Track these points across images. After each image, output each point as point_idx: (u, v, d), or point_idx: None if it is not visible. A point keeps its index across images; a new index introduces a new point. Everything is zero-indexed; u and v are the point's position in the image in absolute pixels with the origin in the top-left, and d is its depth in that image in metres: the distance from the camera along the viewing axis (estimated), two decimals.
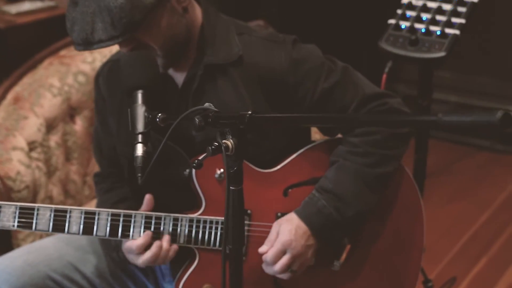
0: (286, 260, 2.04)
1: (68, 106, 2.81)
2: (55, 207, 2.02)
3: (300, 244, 2.04)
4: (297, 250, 2.04)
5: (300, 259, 2.06)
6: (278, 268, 2.05)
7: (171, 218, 2.07)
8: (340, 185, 2.07)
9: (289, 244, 2.03)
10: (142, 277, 2.31)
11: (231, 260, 1.63)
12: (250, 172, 2.11)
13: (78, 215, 2.03)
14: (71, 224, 2.03)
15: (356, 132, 2.09)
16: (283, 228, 2.05)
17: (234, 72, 2.06)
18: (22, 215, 2.01)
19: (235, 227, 1.61)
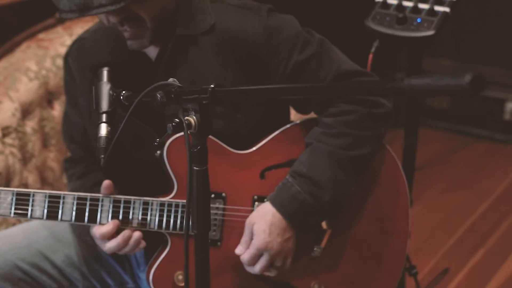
0: (265, 262, 1.95)
1: (45, 90, 2.71)
2: (17, 190, 1.93)
3: (277, 243, 1.94)
4: (274, 250, 1.94)
5: (281, 255, 1.97)
6: (258, 269, 1.96)
7: (141, 202, 1.98)
8: (314, 169, 1.97)
9: (265, 247, 1.94)
10: (116, 266, 2.22)
11: (197, 245, 1.52)
12: (225, 153, 2.02)
13: (42, 198, 1.94)
14: (34, 209, 1.93)
15: (330, 111, 1.99)
16: (257, 228, 1.95)
17: (206, 42, 1.97)
18: None
19: (200, 210, 1.50)
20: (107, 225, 1.95)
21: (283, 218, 1.95)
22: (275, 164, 2.04)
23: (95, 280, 2.19)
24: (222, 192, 2.01)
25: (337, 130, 1.97)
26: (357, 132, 1.97)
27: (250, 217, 1.97)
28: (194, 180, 1.48)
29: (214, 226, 2.01)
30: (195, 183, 1.48)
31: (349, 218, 2.08)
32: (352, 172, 1.99)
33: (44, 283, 2.14)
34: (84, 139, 2.13)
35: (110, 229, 1.94)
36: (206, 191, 1.50)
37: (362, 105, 1.97)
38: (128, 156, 2.07)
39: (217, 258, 2.01)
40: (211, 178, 1.98)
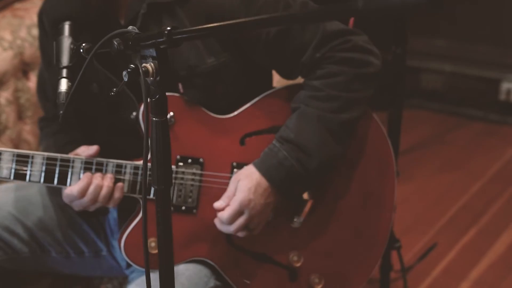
0: (243, 221, 1.87)
1: (20, 61, 2.62)
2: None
3: (260, 203, 1.86)
4: (256, 210, 1.87)
5: (259, 218, 1.89)
6: (234, 228, 1.88)
7: (114, 165, 1.89)
8: (302, 135, 1.88)
9: (247, 204, 1.85)
10: (91, 233, 2.14)
11: (157, 203, 1.43)
12: (203, 117, 1.93)
13: (9, 158, 1.85)
14: (1, 168, 1.84)
15: (318, 74, 1.90)
16: (242, 185, 1.87)
17: (180, 11, 1.87)
18: None
19: (160, 165, 1.41)
20: (81, 180, 1.86)
21: (268, 183, 1.87)
22: (257, 130, 1.96)
23: (68, 246, 2.11)
24: (199, 158, 1.92)
25: (325, 92, 1.88)
26: (346, 94, 1.88)
27: (237, 174, 1.90)
28: (154, 132, 1.39)
29: (190, 193, 1.92)
30: (154, 135, 1.39)
31: (332, 189, 1.99)
32: (341, 137, 1.91)
33: (15, 247, 2.06)
34: None
35: (86, 183, 1.85)
36: (166, 144, 1.41)
37: (350, 65, 1.88)
38: (103, 118, 1.98)
39: (192, 226, 1.93)
40: (189, 142, 1.92)
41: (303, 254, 1.98)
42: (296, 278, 1.98)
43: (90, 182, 1.86)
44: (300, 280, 1.98)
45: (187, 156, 1.92)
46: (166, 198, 1.42)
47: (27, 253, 2.08)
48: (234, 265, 1.96)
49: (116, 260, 2.14)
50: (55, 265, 2.13)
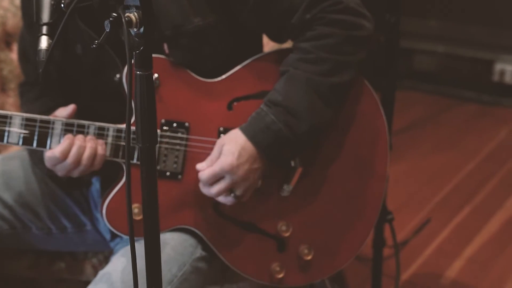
0: (224, 185, 1.81)
1: (3, 31, 2.55)
2: None
3: (244, 169, 1.80)
4: (239, 176, 1.80)
5: (244, 184, 1.82)
6: (215, 191, 1.82)
7: (96, 127, 1.82)
8: (290, 98, 1.82)
9: (230, 169, 1.79)
10: (74, 207, 2.06)
11: (142, 162, 1.37)
12: (189, 80, 1.86)
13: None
14: None
15: (307, 36, 1.84)
16: (226, 149, 1.80)
17: None
18: None
19: (145, 121, 1.34)
20: (62, 141, 1.78)
21: (254, 148, 1.81)
22: (245, 95, 1.89)
23: (50, 222, 2.04)
24: (185, 122, 1.86)
25: (315, 55, 1.82)
26: (336, 57, 1.82)
27: (222, 138, 1.84)
28: (138, 85, 1.32)
29: (175, 158, 1.86)
30: (138, 89, 1.32)
31: (322, 156, 1.93)
32: (330, 101, 1.84)
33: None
34: None
35: (68, 144, 1.78)
36: (151, 99, 1.34)
37: (342, 27, 1.82)
38: (86, 81, 1.92)
39: (177, 193, 1.87)
40: (174, 106, 1.86)
41: (292, 223, 1.91)
42: (285, 249, 1.92)
43: (72, 143, 1.79)
44: (289, 251, 1.92)
45: (172, 120, 1.86)
46: (151, 157, 1.35)
47: (7, 230, 2.01)
48: (221, 235, 1.89)
49: (101, 234, 2.07)
50: (37, 242, 2.07)
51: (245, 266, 1.91)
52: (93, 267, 2.15)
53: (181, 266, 1.83)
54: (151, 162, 1.36)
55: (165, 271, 1.77)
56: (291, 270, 1.92)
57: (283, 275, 1.91)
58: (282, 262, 1.91)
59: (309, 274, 1.94)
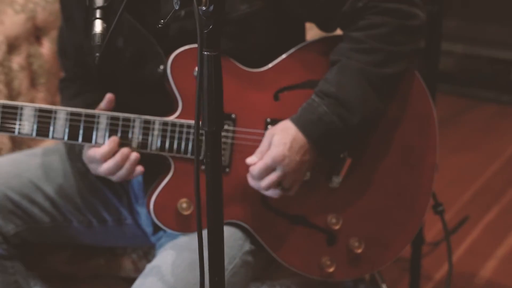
0: (275, 177, 1.76)
1: (33, 25, 2.50)
2: (3, 103, 1.72)
3: (295, 160, 1.75)
4: (290, 167, 1.75)
5: (294, 176, 1.78)
6: (265, 184, 1.76)
7: (142, 121, 1.77)
8: (343, 89, 1.78)
9: (281, 160, 1.74)
10: (114, 199, 2.01)
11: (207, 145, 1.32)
12: (234, 70, 1.82)
13: (31, 113, 1.73)
14: (22, 124, 1.73)
15: (359, 25, 1.80)
16: (277, 139, 1.76)
17: None
18: None
19: (211, 104, 1.30)
20: (106, 143, 1.75)
21: (305, 139, 1.76)
22: (291, 84, 1.85)
23: (90, 215, 1.99)
24: (231, 113, 1.81)
25: (368, 45, 1.77)
26: (389, 47, 1.78)
27: (272, 128, 1.79)
28: (204, 67, 1.28)
29: (222, 150, 1.81)
30: (206, 71, 1.28)
31: (371, 147, 1.88)
32: (383, 93, 1.80)
33: (36, 216, 1.94)
34: (78, 54, 1.92)
35: (111, 148, 1.74)
36: (218, 81, 1.29)
37: (394, 16, 1.78)
38: (126, 74, 1.87)
39: (225, 186, 1.78)
40: None
41: (342, 216, 1.87)
42: (335, 242, 1.87)
43: (114, 151, 1.75)
44: (339, 244, 1.87)
45: None
46: (217, 142, 1.30)
47: (48, 223, 1.97)
48: (269, 229, 1.85)
49: (141, 228, 2.02)
50: (77, 235, 2.02)
51: (294, 260, 1.87)
52: (132, 262, 2.10)
53: (231, 260, 1.78)
54: (217, 147, 1.32)
55: None
56: (341, 263, 1.87)
57: (334, 269, 1.86)
58: (332, 255, 1.86)
59: (360, 268, 1.90)
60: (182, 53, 1.78)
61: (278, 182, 1.77)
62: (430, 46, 2.27)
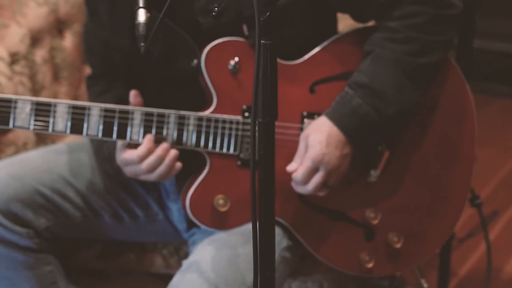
0: (320, 178, 1.72)
1: (55, 18, 2.46)
2: (37, 100, 1.68)
3: (335, 156, 1.72)
4: (332, 164, 1.72)
5: (337, 172, 1.74)
6: (312, 187, 1.73)
7: (177, 116, 1.73)
8: (378, 79, 1.74)
9: (321, 159, 1.71)
10: (144, 195, 1.98)
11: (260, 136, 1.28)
12: None
13: (64, 110, 1.69)
14: (56, 121, 1.69)
15: (395, 14, 1.76)
16: (312, 140, 1.72)
17: None
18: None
19: (266, 94, 1.26)
20: (143, 144, 1.70)
21: (341, 133, 1.72)
22: (327, 76, 1.81)
23: (122, 210, 1.96)
24: None
25: (403, 34, 1.74)
26: (426, 37, 1.74)
27: (305, 130, 1.75)
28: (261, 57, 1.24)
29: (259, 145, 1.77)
30: (261, 60, 1.24)
31: (408, 139, 1.85)
32: (419, 83, 1.76)
33: (67, 212, 1.91)
34: (105, 51, 1.89)
35: (148, 147, 1.70)
36: (274, 70, 1.26)
37: (431, 5, 1.75)
38: (155, 70, 1.83)
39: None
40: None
41: (380, 210, 1.83)
42: (373, 237, 1.84)
43: (151, 150, 1.71)
44: (378, 239, 1.84)
45: None
46: (271, 134, 1.27)
47: (79, 218, 1.94)
48: (307, 224, 1.81)
49: (172, 224, 1.99)
50: (108, 231, 1.99)
51: (332, 256, 1.83)
52: (163, 258, 2.07)
53: None
54: (271, 139, 1.28)
55: None
56: (380, 259, 1.84)
57: (373, 265, 1.83)
58: (371, 251, 1.83)
59: (399, 263, 1.87)
60: (216, 46, 1.75)
61: (323, 183, 1.74)
62: (463, 38, 2.22)
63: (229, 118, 1.75)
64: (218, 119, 1.75)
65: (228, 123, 1.75)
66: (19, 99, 1.67)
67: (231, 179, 1.76)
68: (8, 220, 1.85)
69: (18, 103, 1.67)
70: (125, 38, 1.79)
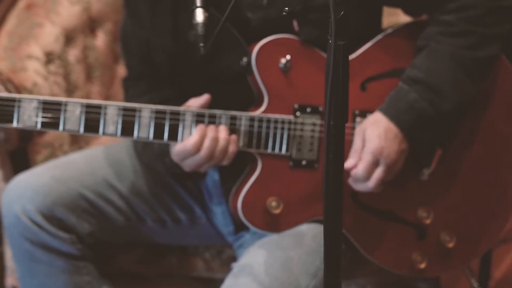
0: (381, 172, 1.69)
1: (88, 17, 2.44)
2: (87, 102, 1.65)
3: (394, 151, 1.69)
4: (391, 159, 1.69)
5: (394, 169, 1.71)
6: (373, 184, 1.69)
7: (228, 117, 1.70)
8: (433, 74, 1.71)
9: (381, 152, 1.68)
10: (187, 198, 1.95)
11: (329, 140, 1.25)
12: (320, 60, 1.75)
13: (114, 112, 1.66)
14: (107, 123, 1.66)
15: (449, 7, 1.73)
16: (370, 133, 1.69)
17: None
18: (47, 110, 1.63)
19: (338, 96, 1.23)
20: (195, 133, 1.67)
21: (398, 128, 1.69)
22: (378, 73, 1.78)
23: (165, 214, 1.93)
24: (318, 106, 1.74)
25: (458, 28, 1.70)
26: (482, 30, 1.71)
27: (361, 125, 1.72)
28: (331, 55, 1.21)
29: (310, 145, 1.74)
30: (333, 61, 1.21)
31: (459, 136, 1.81)
32: (476, 77, 1.73)
33: (110, 215, 1.88)
34: (145, 51, 1.84)
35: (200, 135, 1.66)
36: (346, 71, 1.23)
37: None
38: (201, 69, 1.79)
39: (314, 182, 1.75)
40: (307, 89, 1.75)
41: (432, 209, 1.80)
42: (425, 237, 1.80)
43: (204, 134, 1.67)
44: (429, 239, 1.81)
45: (306, 105, 1.74)
46: (341, 136, 1.23)
47: (122, 222, 1.91)
48: (359, 225, 1.78)
49: (215, 227, 1.95)
50: (150, 234, 1.96)
51: (384, 257, 1.80)
52: (204, 261, 2.04)
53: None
54: (341, 141, 1.25)
55: (308, 263, 1.69)
56: (433, 259, 1.81)
57: (425, 265, 1.80)
58: (423, 251, 1.80)
59: (451, 263, 1.84)
60: (267, 44, 1.72)
61: (385, 179, 1.70)
62: None
63: (281, 118, 1.72)
64: (270, 119, 1.72)
65: (280, 123, 1.72)
66: (69, 102, 1.64)
67: (284, 181, 1.73)
68: (52, 225, 1.83)
69: (68, 105, 1.64)
70: (167, 37, 1.76)
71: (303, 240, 1.71)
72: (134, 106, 1.67)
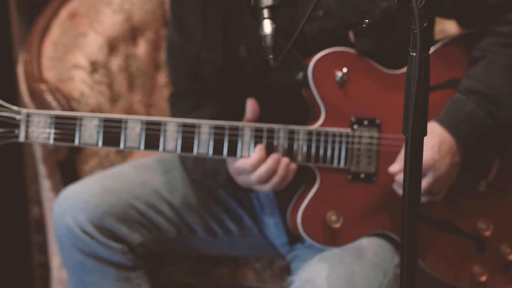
0: (427, 184, 1.67)
1: (130, 26, 2.43)
2: (147, 119, 1.64)
3: (445, 164, 1.67)
4: (441, 171, 1.67)
5: (444, 181, 1.69)
6: None
7: (286, 131, 1.68)
8: (491, 85, 1.70)
9: (432, 165, 1.66)
10: (238, 209, 1.93)
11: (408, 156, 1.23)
12: (376, 72, 1.74)
13: (174, 128, 1.65)
14: (167, 140, 1.64)
15: (506, 19, 1.72)
16: (424, 143, 1.66)
17: None
18: (108, 128, 1.62)
19: (417, 108, 1.21)
20: (255, 153, 1.66)
21: (454, 139, 1.68)
22: (434, 85, 1.75)
23: (215, 225, 1.92)
24: (375, 119, 1.73)
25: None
26: None
27: None
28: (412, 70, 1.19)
29: (368, 158, 1.73)
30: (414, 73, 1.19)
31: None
32: None
33: (162, 226, 1.87)
34: (194, 67, 1.81)
35: (260, 156, 1.65)
36: (427, 84, 1.21)
37: None
38: (251, 85, 1.77)
39: (372, 196, 1.73)
40: (364, 102, 1.73)
41: (492, 221, 1.78)
42: (485, 249, 1.78)
43: (263, 159, 1.66)
44: (489, 251, 1.78)
45: (363, 118, 1.72)
46: (420, 150, 1.22)
47: (173, 233, 1.90)
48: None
49: (267, 238, 1.93)
50: (201, 246, 1.95)
51: (444, 269, 1.78)
52: (255, 272, 2.03)
53: (386, 273, 1.70)
54: (419, 155, 1.23)
55: (371, 278, 1.67)
56: (494, 271, 1.79)
57: (486, 278, 1.77)
58: (483, 263, 1.78)
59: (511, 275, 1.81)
60: (323, 57, 1.71)
61: (429, 189, 1.68)
62: None
63: (339, 131, 1.70)
64: (327, 133, 1.70)
65: (338, 136, 1.70)
66: (129, 119, 1.62)
67: (343, 194, 1.71)
68: (103, 235, 1.82)
69: (129, 123, 1.62)
70: (217, 52, 1.74)
71: (364, 254, 1.69)
72: (193, 122, 1.66)
